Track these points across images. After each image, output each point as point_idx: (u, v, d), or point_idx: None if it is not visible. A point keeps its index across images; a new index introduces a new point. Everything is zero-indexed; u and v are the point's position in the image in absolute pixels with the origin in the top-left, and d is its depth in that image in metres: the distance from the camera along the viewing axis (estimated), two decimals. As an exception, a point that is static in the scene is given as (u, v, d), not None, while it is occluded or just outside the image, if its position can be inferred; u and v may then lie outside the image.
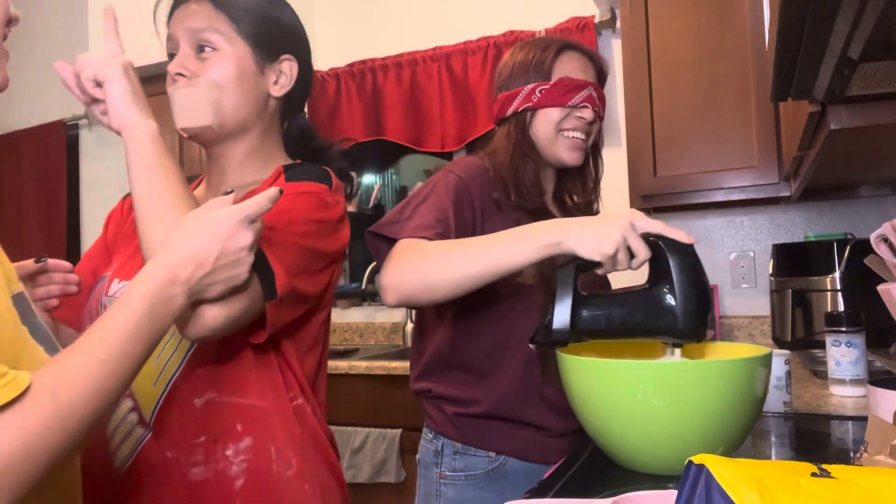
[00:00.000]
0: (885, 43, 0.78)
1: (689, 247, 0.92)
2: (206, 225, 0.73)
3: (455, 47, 2.72)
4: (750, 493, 0.45)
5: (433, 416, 1.20)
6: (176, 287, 0.69)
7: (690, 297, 0.90)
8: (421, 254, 1.00)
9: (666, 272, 0.91)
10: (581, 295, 0.94)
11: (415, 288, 0.99)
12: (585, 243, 0.91)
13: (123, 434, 0.89)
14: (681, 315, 0.90)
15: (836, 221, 2.32)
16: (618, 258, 0.91)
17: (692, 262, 0.91)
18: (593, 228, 0.92)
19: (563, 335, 0.92)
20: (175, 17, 0.98)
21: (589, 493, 0.81)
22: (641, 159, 2.14)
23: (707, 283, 0.93)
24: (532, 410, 1.15)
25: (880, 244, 0.91)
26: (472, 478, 1.15)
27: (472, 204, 1.12)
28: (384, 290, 1.02)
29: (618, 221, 0.91)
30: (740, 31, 2.04)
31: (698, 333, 0.92)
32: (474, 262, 0.96)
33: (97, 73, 0.85)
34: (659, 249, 0.92)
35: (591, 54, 1.23)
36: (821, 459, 0.62)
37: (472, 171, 1.16)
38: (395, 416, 2.18)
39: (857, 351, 1.35)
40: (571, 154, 1.18)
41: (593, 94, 1.18)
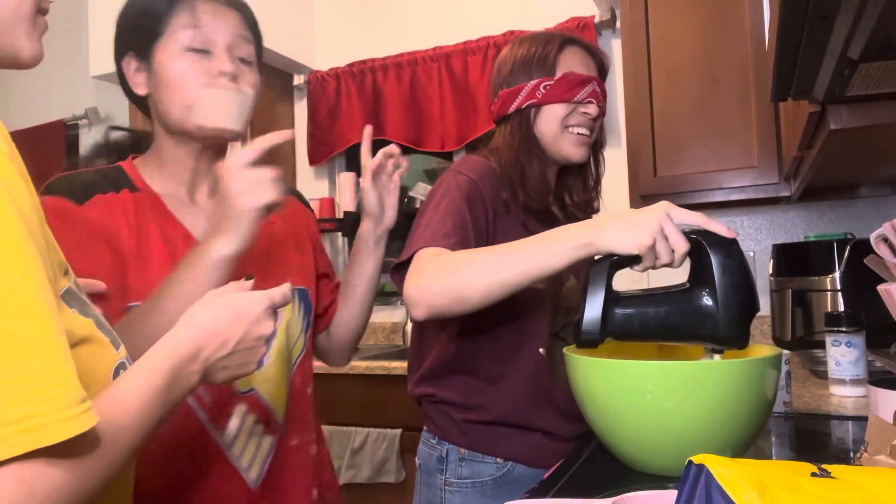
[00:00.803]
0: (885, 43, 0.78)
1: (734, 243, 0.85)
2: (233, 305, 0.70)
3: (455, 47, 2.72)
4: (750, 493, 0.45)
5: (437, 422, 1.17)
6: (196, 364, 0.65)
7: (733, 301, 0.84)
8: (447, 263, 0.96)
9: (707, 271, 0.85)
10: (615, 293, 0.88)
11: (444, 299, 0.95)
12: (620, 238, 0.86)
13: (252, 454, 0.94)
14: (722, 320, 0.84)
15: (836, 221, 2.32)
16: (657, 250, 0.85)
17: (737, 260, 0.84)
18: (627, 221, 0.87)
19: (593, 335, 0.87)
20: (205, 10, 0.94)
21: (589, 493, 0.81)
22: (641, 159, 2.14)
23: (753, 283, 0.86)
24: (542, 415, 1.13)
25: (880, 244, 0.91)
26: (479, 485, 1.13)
27: (484, 205, 1.10)
28: (411, 304, 0.97)
29: (653, 212, 0.86)
30: (740, 31, 2.04)
31: (740, 340, 0.86)
32: (505, 270, 0.92)
33: None
34: (699, 246, 0.86)
35: (593, 49, 1.22)
36: (821, 459, 0.62)
37: (481, 170, 1.13)
38: (394, 416, 2.18)
39: (857, 351, 1.35)
40: (577, 150, 1.16)
41: (597, 90, 1.17)
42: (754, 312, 0.86)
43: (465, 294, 0.94)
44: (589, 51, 1.21)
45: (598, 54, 1.22)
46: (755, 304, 0.86)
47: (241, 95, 0.93)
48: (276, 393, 0.98)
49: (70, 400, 0.47)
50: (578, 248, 0.89)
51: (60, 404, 0.46)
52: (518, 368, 1.13)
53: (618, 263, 0.89)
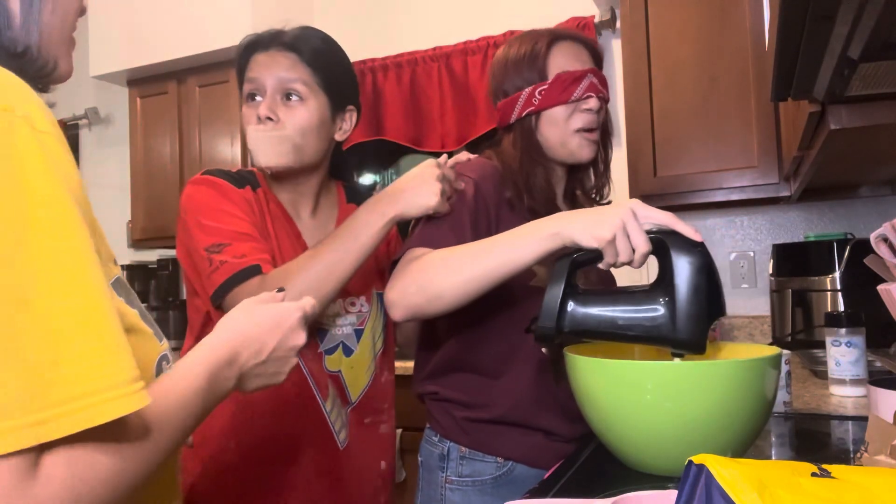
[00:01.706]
0: (885, 43, 0.78)
1: (698, 245, 0.84)
2: (270, 314, 0.71)
3: (455, 47, 2.72)
4: (750, 493, 0.45)
5: (440, 420, 1.17)
6: (233, 368, 0.66)
7: (692, 304, 0.82)
8: (422, 263, 0.97)
9: (669, 273, 0.84)
10: (576, 290, 0.88)
11: (420, 300, 0.95)
12: (582, 230, 0.87)
13: (341, 422, 1.14)
14: (678, 323, 0.83)
15: (836, 221, 2.32)
16: (617, 247, 0.85)
17: (699, 263, 0.83)
18: (592, 214, 0.88)
19: (548, 333, 0.87)
20: (259, 61, 1.10)
21: (589, 493, 0.81)
22: (641, 159, 2.14)
23: (716, 287, 0.85)
24: (544, 415, 1.13)
25: (880, 244, 0.91)
26: (479, 483, 1.13)
27: (486, 205, 1.09)
28: (389, 306, 0.99)
29: (619, 208, 0.87)
30: (740, 30, 2.04)
31: (696, 345, 0.85)
32: (477, 265, 0.93)
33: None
34: (664, 246, 0.85)
35: (583, 39, 1.18)
36: (821, 459, 0.62)
37: (483, 171, 1.13)
38: (396, 415, 2.18)
39: (857, 351, 1.35)
40: (585, 151, 1.14)
41: (594, 81, 1.13)
42: (715, 317, 0.85)
43: (439, 292, 0.95)
44: (580, 41, 1.17)
45: (590, 44, 1.19)
46: (718, 308, 0.85)
47: (278, 135, 1.07)
48: (356, 378, 1.16)
49: (126, 377, 0.47)
50: (545, 240, 0.90)
51: (116, 381, 0.46)
52: (521, 367, 1.13)
53: (581, 259, 0.89)
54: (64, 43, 0.65)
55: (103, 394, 0.45)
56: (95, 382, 0.44)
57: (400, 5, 2.95)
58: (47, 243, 0.44)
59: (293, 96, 1.09)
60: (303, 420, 1.10)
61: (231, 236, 1.02)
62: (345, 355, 1.15)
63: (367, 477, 1.18)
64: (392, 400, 1.26)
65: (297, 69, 1.09)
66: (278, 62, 1.09)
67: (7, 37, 0.58)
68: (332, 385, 1.14)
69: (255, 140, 1.07)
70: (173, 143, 2.97)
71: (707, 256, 0.85)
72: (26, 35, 0.59)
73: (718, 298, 0.85)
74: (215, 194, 1.07)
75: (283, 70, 1.08)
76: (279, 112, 1.07)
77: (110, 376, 0.45)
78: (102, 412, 0.44)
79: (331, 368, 1.13)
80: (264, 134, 1.06)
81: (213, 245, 1.01)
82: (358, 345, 1.16)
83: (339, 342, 1.14)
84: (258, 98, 1.09)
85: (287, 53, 1.09)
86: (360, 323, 1.17)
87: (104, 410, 0.44)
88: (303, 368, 1.09)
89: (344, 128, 1.18)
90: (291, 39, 1.11)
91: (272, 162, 1.07)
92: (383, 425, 1.23)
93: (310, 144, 1.10)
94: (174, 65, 2.91)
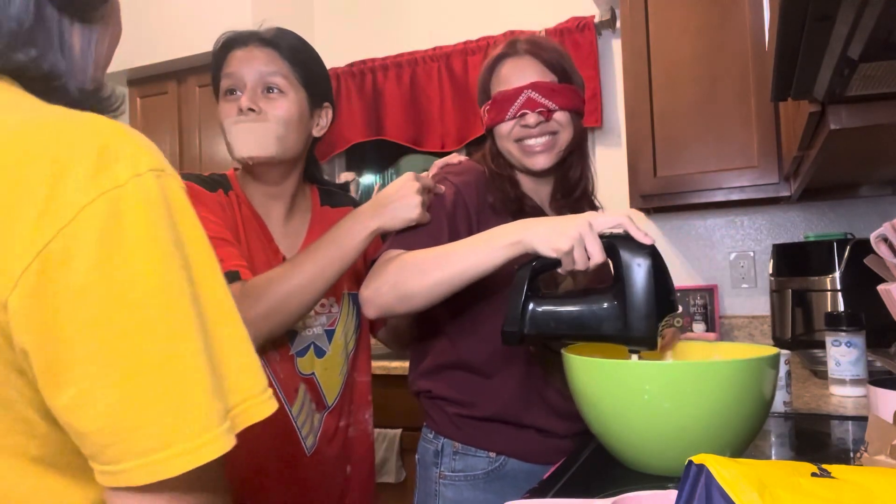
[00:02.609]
0: (885, 43, 0.78)
1: (647, 247, 0.89)
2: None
3: (455, 47, 2.72)
4: (750, 493, 0.45)
5: (434, 417, 1.20)
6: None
7: (639, 302, 0.87)
8: (395, 264, 1.01)
9: (619, 273, 0.89)
10: (536, 295, 0.93)
11: (391, 299, 1.00)
12: (542, 240, 0.92)
13: (309, 426, 1.13)
14: (629, 321, 0.87)
15: (836, 221, 2.32)
16: (574, 256, 0.90)
17: (648, 264, 0.88)
18: (552, 225, 0.93)
19: (513, 331, 0.92)
20: (237, 57, 1.11)
21: (589, 493, 0.81)
22: (641, 159, 2.14)
23: (665, 285, 0.89)
24: (535, 413, 1.14)
25: (880, 244, 0.91)
26: (471, 478, 1.15)
27: (466, 211, 1.12)
28: (363, 303, 1.03)
29: (576, 220, 0.92)
30: (740, 30, 2.04)
31: (647, 341, 0.89)
32: (444, 268, 0.97)
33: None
34: (615, 248, 0.90)
35: (533, 51, 1.15)
36: (821, 459, 0.62)
37: (468, 175, 1.16)
38: (395, 416, 2.18)
39: (857, 351, 1.35)
40: (532, 160, 1.15)
41: (532, 96, 1.12)
42: (665, 314, 0.89)
43: (409, 292, 0.99)
44: (530, 53, 1.15)
45: (543, 54, 1.15)
46: (668, 305, 0.89)
47: (261, 125, 1.08)
48: (330, 380, 1.16)
49: (265, 384, 0.53)
50: (508, 247, 0.95)
51: (263, 387, 0.53)
52: (509, 365, 1.14)
53: (540, 266, 0.94)
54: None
55: (256, 398, 0.52)
56: (251, 389, 0.52)
57: (400, 5, 2.95)
58: (209, 282, 0.51)
59: (273, 89, 1.10)
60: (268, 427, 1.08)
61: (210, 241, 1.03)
62: (317, 356, 1.14)
63: (333, 483, 1.18)
64: (367, 402, 1.26)
65: (276, 63, 1.11)
66: (257, 57, 1.10)
67: (76, 75, 0.60)
68: (304, 389, 1.13)
69: (237, 131, 1.08)
70: (173, 143, 2.97)
71: (656, 257, 0.89)
72: (95, 70, 0.62)
73: (668, 296, 0.90)
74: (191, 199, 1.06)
75: (262, 64, 1.10)
76: (260, 104, 1.09)
77: (260, 383, 0.53)
78: (261, 411, 0.52)
79: (304, 371, 1.13)
80: (246, 125, 1.07)
81: None
82: (329, 346, 1.16)
83: (310, 343, 1.14)
84: (237, 93, 1.10)
85: (265, 49, 1.11)
86: (331, 324, 1.17)
87: (262, 409, 0.52)
88: (269, 374, 1.08)
89: (321, 124, 1.21)
90: (269, 36, 1.13)
91: (255, 152, 1.08)
92: (351, 428, 1.22)
93: (291, 137, 1.11)
94: (174, 65, 2.91)
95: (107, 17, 0.63)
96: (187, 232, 0.51)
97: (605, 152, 2.58)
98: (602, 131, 2.59)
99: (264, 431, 1.01)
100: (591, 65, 2.48)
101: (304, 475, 1.12)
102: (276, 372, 1.10)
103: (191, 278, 0.49)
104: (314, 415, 1.14)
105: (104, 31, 0.63)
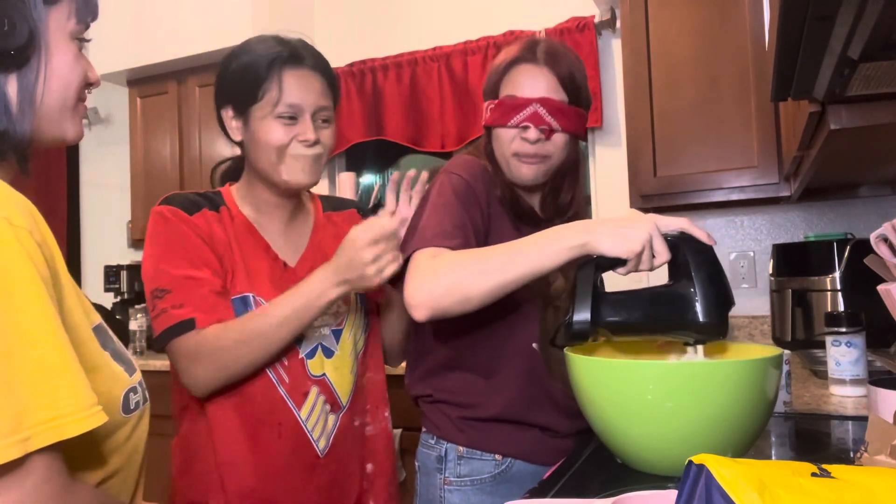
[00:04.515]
0: (885, 43, 0.78)
1: (708, 246, 0.93)
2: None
3: (455, 47, 2.72)
4: (750, 493, 0.45)
5: (435, 421, 1.18)
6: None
7: (710, 293, 0.91)
8: (448, 265, 0.99)
9: (686, 269, 0.92)
10: (602, 292, 0.95)
11: (447, 301, 0.98)
12: (613, 244, 0.92)
13: (321, 428, 1.13)
14: (701, 310, 0.90)
15: (836, 221, 2.32)
16: (642, 257, 0.92)
17: (711, 258, 0.92)
18: (620, 228, 0.93)
19: (584, 329, 0.93)
20: (294, 82, 1.10)
21: (589, 493, 0.81)
22: (641, 159, 2.13)
23: (726, 281, 0.94)
24: (539, 412, 1.14)
25: (880, 244, 0.91)
26: (478, 482, 1.13)
27: (479, 204, 1.11)
28: (413, 306, 1.00)
29: (644, 222, 0.92)
30: (740, 31, 2.04)
31: (720, 329, 0.92)
32: (506, 271, 0.96)
33: None
34: (678, 248, 0.93)
35: (551, 63, 1.12)
36: (821, 459, 0.62)
37: (474, 169, 1.15)
38: (394, 416, 2.17)
39: (857, 351, 1.35)
40: (521, 173, 1.14)
41: (539, 112, 1.10)
42: (730, 305, 0.94)
43: (469, 295, 0.97)
44: (547, 64, 1.12)
45: (558, 67, 1.13)
46: (731, 298, 0.94)
47: (317, 156, 1.13)
48: (342, 380, 1.16)
49: (86, 403, 0.63)
50: (572, 250, 0.94)
51: (79, 407, 0.62)
52: (511, 364, 1.13)
53: (601, 266, 0.95)
54: (67, 114, 0.74)
55: (72, 416, 0.62)
56: (66, 408, 0.62)
57: (400, 5, 2.95)
58: (23, 314, 0.61)
59: (325, 120, 1.14)
60: (280, 434, 1.10)
61: (173, 282, 1.05)
62: (325, 357, 1.14)
63: (351, 482, 1.17)
64: (383, 400, 1.25)
65: (327, 94, 1.15)
66: (313, 86, 1.12)
67: (2, 125, 0.68)
68: (317, 391, 1.13)
69: (298, 159, 1.11)
70: (173, 143, 2.97)
71: (716, 255, 0.94)
72: (22, 121, 0.70)
73: (729, 290, 0.95)
74: (164, 230, 1.09)
75: (318, 95, 1.12)
76: (317, 134, 1.13)
77: (78, 402, 0.63)
78: (80, 427, 0.62)
79: (314, 373, 1.13)
80: (309, 154, 1.11)
81: (156, 289, 1.06)
82: (338, 345, 1.16)
83: (317, 344, 1.14)
84: (295, 119, 1.11)
85: (317, 76, 1.13)
86: (339, 323, 1.17)
87: (81, 425, 0.62)
88: (273, 381, 1.09)
89: None
90: (314, 60, 1.14)
91: (305, 180, 1.13)
92: (369, 427, 1.22)
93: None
94: (174, 65, 2.91)
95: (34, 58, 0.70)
96: (8, 272, 0.61)
97: (605, 152, 2.58)
98: (602, 131, 2.59)
99: (271, 438, 1.09)
100: (591, 65, 2.48)
101: (318, 477, 1.12)
102: (282, 378, 1.10)
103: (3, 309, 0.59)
104: (328, 416, 1.14)
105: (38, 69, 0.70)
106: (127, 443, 0.75)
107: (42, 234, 0.66)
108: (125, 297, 3.07)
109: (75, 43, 0.75)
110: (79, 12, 0.74)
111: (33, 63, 0.70)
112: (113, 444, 0.73)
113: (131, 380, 0.76)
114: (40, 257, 0.64)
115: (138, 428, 0.77)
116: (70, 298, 0.69)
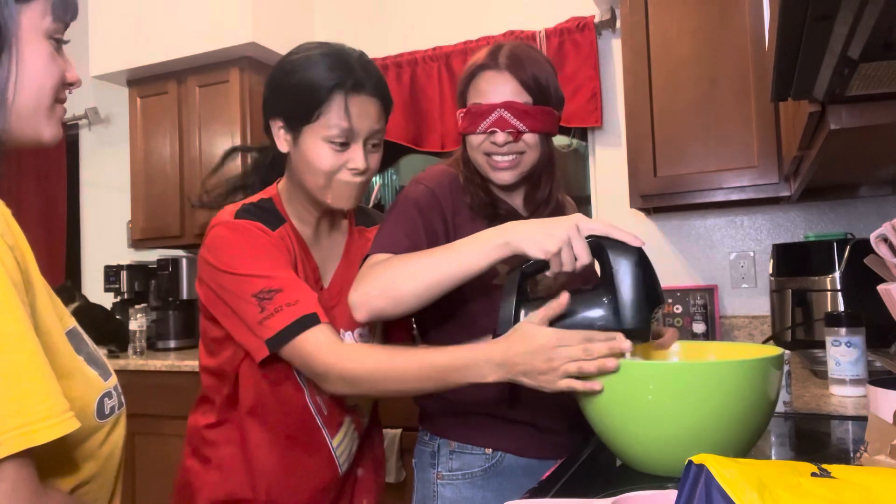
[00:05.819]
0: (885, 43, 0.78)
1: (634, 248, 0.92)
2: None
3: (455, 47, 2.72)
4: (750, 493, 0.45)
5: (429, 417, 1.21)
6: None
7: (630, 296, 0.90)
8: (385, 269, 1.02)
9: (609, 272, 0.92)
10: (526, 297, 0.96)
11: (381, 302, 1.01)
12: (531, 242, 0.93)
13: (347, 452, 1.19)
14: (621, 315, 0.90)
15: (836, 221, 2.32)
16: (562, 258, 0.92)
17: (634, 261, 0.91)
18: (540, 227, 0.94)
19: (507, 330, 0.93)
20: (353, 108, 1.07)
21: (589, 493, 0.81)
22: (641, 159, 2.14)
23: (653, 283, 0.93)
24: (524, 407, 1.15)
25: (880, 244, 0.91)
26: (469, 476, 1.15)
27: (441, 212, 1.13)
28: (353, 308, 1.03)
29: (563, 222, 0.93)
30: (740, 31, 2.04)
31: (640, 333, 0.91)
32: (434, 271, 0.99)
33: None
34: (602, 250, 0.93)
35: (512, 67, 1.12)
36: (821, 459, 0.62)
37: (440, 178, 1.17)
38: (394, 416, 2.18)
39: (857, 351, 1.35)
40: (497, 175, 1.15)
41: (504, 116, 1.11)
42: (654, 306, 0.93)
43: (399, 295, 1.01)
44: (509, 69, 1.12)
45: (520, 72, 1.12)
46: (656, 298, 0.93)
47: (363, 182, 1.12)
48: (367, 404, 1.24)
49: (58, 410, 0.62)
50: (496, 248, 0.96)
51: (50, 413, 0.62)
52: None
53: (529, 270, 0.96)
54: (42, 116, 0.73)
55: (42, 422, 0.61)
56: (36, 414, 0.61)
57: (400, 5, 2.95)
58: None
59: (375, 144, 1.12)
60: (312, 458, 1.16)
61: (283, 282, 1.03)
62: None
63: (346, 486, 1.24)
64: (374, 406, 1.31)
65: (381, 118, 1.12)
66: (370, 112, 1.09)
67: None
68: (350, 420, 1.18)
69: (346, 187, 1.10)
70: (173, 143, 2.97)
71: (642, 254, 0.93)
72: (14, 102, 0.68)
73: (655, 289, 0.94)
74: (252, 239, 1.07)
75: (374, 120, 1.10)
76: (367, 160, 1.10)
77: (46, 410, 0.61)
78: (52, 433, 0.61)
79: (350, 403, 1.18)
80: (357, 182, 1.10)
81: (262, 291, 1.02)
82: None
83: None
84: (347, 144, 1.08)
85: (374, 101, 1.10)
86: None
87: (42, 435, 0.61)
88: (312, 411, 1.14)
89: None
90: (374, 83, 1.10)
91: (349, 205, 1.12)
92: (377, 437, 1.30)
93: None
94: (174, 65, 2.91)
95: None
96: None
97: (605, 152, 2.58)
98: (602, 131, 2.59)
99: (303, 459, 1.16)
100: (591, 65, 2.48)
101: (332, 490, 1.20)
102: (320, 409, 1.14)
103: None
104: (354, 441, 1.21)
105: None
106: (102, 448, 0.74)
107: (14, 236, 0.65)
108: (125, 297, 3.08)
109: (51, 42, 0.73)
110: (55, 10, 0.72)
111: (3, 61, 0.68)
112: (87, 449, 0.72)
113: (106, 384, 0.74)
114: (12, 261, 0.63)
115: (114, 433, 0.76)
116: (42, 303, 0.67)
